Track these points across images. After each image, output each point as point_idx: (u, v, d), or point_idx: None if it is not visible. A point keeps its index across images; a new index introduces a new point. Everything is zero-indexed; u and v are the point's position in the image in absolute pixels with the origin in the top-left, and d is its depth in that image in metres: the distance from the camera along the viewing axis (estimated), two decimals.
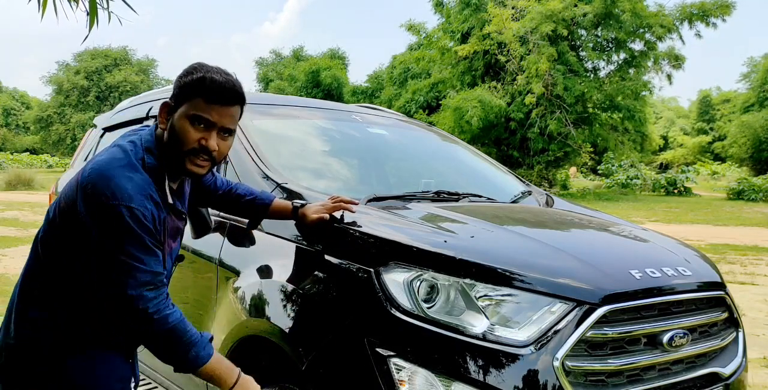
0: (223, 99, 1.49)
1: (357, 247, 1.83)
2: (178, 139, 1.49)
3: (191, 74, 1.50)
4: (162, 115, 1.53)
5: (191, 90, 1.49)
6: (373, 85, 38.26)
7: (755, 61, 45.17)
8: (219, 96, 1.49)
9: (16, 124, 65.32)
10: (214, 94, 1.48)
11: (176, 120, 1.49)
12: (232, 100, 1.51)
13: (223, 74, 1.51)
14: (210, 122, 1.49)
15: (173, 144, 1.50)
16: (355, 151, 3.07)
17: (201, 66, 1.52)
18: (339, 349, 1.69)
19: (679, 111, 65.63)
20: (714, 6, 21.21)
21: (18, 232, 10.50)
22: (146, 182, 1.45)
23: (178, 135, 1.49)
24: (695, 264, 2.07)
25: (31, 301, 1.53)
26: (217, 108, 1.49)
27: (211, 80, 1.48)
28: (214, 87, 1.48)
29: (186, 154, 1.50)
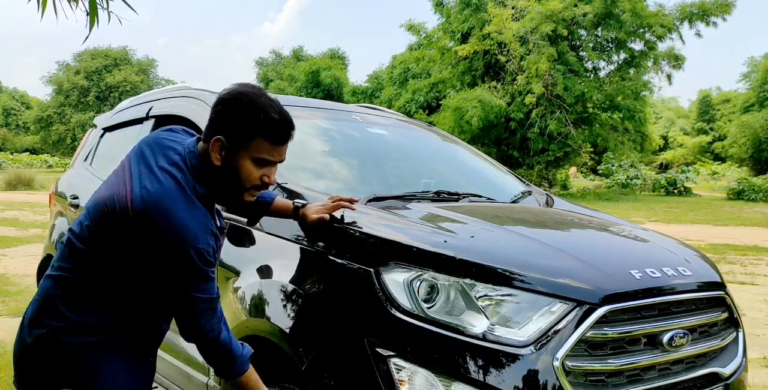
0: (287, 139, 1.53)
1: (357, 247, 1.83)
2: (240, 178, 1.53)
3: (246, 111, 1.48)
4: (215, 151, 1.52)
5: (252, 131, 1.49)
6: (373, 85, 38.27)
7: (755, 61, 45.16)
8: (284, 137, 1.52)
9: (16, 124, 65.31)
10: (279, 137, 1.51)
11: (238, 161, 1.51)
12: (289, 137, 1.54)
13: (276, 108, 1.51)
14: (272, 161, 1.54)
15: (234, 180, 1.54)
16: (355, 151, 3.07)
17: (251, 99, 1.50)
18: (339, 349, 1.69)
19: (679, 111, 65.62)
20: (714, 5, 21.21)
21: (18, 232, 10.50)
22: (205, 216, 1.51)
23: (240, 174, 1.52)
24: (695, 264, 2.07)
25: (73, 306, 1.53)
26: (279, 148, 1.53)
27: (272, 121, 1.49)
28: (279, 129, 1.50)
29: (245, 189, 1.56)
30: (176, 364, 2.43)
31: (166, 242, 1.43)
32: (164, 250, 1.44)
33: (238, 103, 1.49)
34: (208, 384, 2.18)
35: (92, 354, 1.52)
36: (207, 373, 2.20)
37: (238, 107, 1.49)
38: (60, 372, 1.52)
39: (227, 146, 1.50)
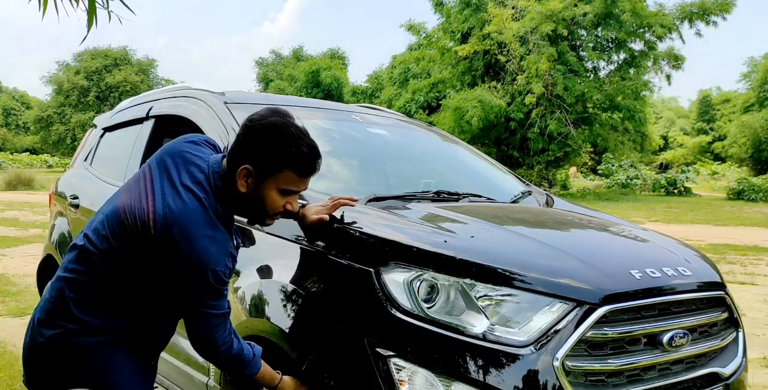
0: (314, 171, 1.57)
1: (357, 247, 1.83)
2: (264, 206, 1.58)
3: (277, 144, 1.50)
4: (242, 178, 1.54)
5: (282, 164, 1.52)
6: (373, 85, 38.29)
7: (755, 60, 45.17)
8: (311, 170, 1.56)
9: (16, 124, 65.30)
10: (307, 170, 1.55)
11: (264, 190, 1.55)
12: (318, 169, 1.59)
13: (306, 141, 1.54)
14: (297, 191, 1.60)
15: (258, 207, 1.59)
16: (355, 151, 3.06)
17: (283, 131, 1.51)
18: (339, 349, 1.69)
19: (679, 111, 65.63)
20: (714, 4, 21.21)
21: (18, 232, 10.50)
22: (226, 240, 1.54)
23: (265, 203, 1.57)
24: (695, 264, 2.07)
25: (85, 308, 1.55)
26: (306, 180, 1.59)
27: (302, 156, 1.52)
28: (308, 164, 1.54)
29: (268, 215, 1.62)
30: (176, 364, 2.43)
31: (185, 264, 1.47)
32: (183, 270, 1.49)
33: (269, 134, 1.51)
34: (208, 384, 2.18)
35: (101, 354, 1.54)
36: (207, 373, 2.20)
37: (270, 138, 1.50)
38: (69, 372, 1.55)
39: (254, 175, 1.53)
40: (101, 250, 1.54)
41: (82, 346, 1.53)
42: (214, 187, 1.55)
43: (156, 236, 1.47)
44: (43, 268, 3.93)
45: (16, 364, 3.80)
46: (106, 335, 1.55)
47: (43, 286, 3.93)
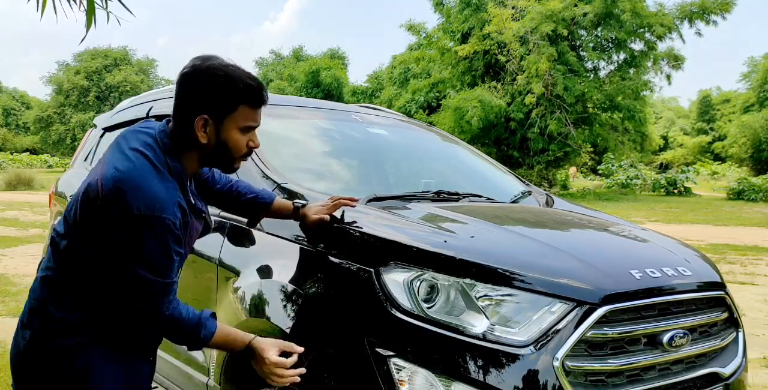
0: (261, 102, 1.54)
1: (357, 247, 1.83)
2: (230, 150, 1.54)
3: (227, 85, 1.48)
4: (200, 129, 1.51)
5: (234, 99, 1.49)
6: (373, 85, 38.30)
7: (755, 61, 45.18)
8: (263, 99, 1.53)
9: (16, 124, 65.31)
10: (260, 100, 1.53)
11: (226, 132, 1.52)
12: (264, 101, 1.55)
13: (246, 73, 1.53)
14: (254, 126, 1.56)
15: (223, 153, 1.55)
16: (355, 151, 3.06)
17: (223, 72, 1.49)
18: (339, 349, 1.69)
19: (679, 111, 65.63)
20: (714, 4, 21.21)
21: (18, 232, 10.50)
22: (175, 189, 1.48)
23: (228, 145, 1.53)
24: (695, 264, 2.07)
25: (61, 305, 1.52)
26: (259, 111, 1.55)
27: (254, 88, 1.51)
28: (259, 93, 1.52)
29: (235, 158, 1.57)
30: (176, 364, 2.43)
31: (131, 210, 1.38)
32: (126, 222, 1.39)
33: (212, 79, 1.48)
34: (208, 384, 2.18)
35: (83, 354, 1.51)
36: (207, 373, 2.20)
37: (215, 83, 1.47)
38: (52, 375, 1.51)
39: (211, 122, 1.50)
40: (65, 236, 1.51)
41: (63, 347, 1.49)
42: (162, 145, 1.51)
43: (105, 198, 1.41)
44: None
45: None
46: (86, 334, 1.51)
47: None
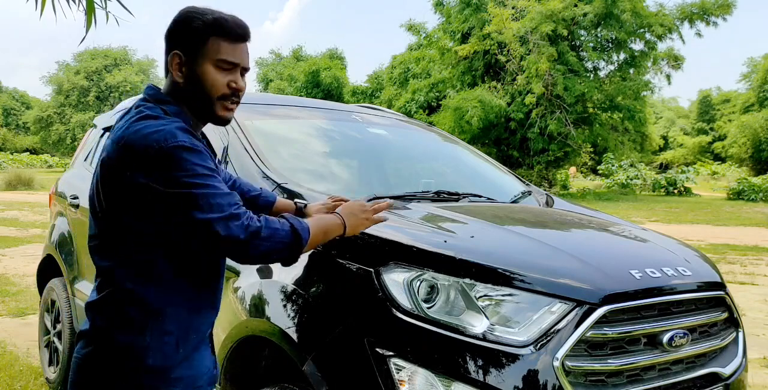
0: (244, 36, 1.46)
1: (357, 247, 1.83)
2: (205, 87, 1.43)
3: (197, 19, 1.43)
4: (174, 67, 1.44)
5: (206, 33, 1.42)
6: (373, 85, 38.29)
7: (755, 61, 45.19)
8: (240, 33, 1.45)
9: (16, 124, 65.34)
10: (234, 33, 1.44)
11: (199, 67, 1.42)
12: (246, 35, 1.47)
13: (224, 13, 1.47)
14: (235, 64, 1.45)
15: (200, 92, 1.43)
16: (355, 152, 3.06)
17: (198, 9, 1.45)
18: (339, 349, 1.69)
19: (679, 111, 65.65)
20: (714, 5, 21.23)
21: (18, 232, 10.51)
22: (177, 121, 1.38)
23: (204, 83, 1.43)
24: (695, 264, 2.07)
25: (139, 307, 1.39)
26: (239, 47, 1.45)
27: (225, 20, 1.43)
28: (233, 26, 1.43)
29: (218, 100, 1.44)
30: None
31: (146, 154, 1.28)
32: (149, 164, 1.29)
33: (187, 17, 1.44)
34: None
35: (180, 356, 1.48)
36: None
37: (188, 19, 1.44)
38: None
39: (185, 59, 1.43)
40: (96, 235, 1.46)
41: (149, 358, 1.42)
42: (150, 98, 1.46)
43: (115, 160, 1.35)
44: (43, 268, 3.94)
45: (16, 364, 3.80)
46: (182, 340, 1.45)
47: (43, 286, 3.93)
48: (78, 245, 3.38)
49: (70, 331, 3.36)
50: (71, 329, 3.36)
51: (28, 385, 3.48)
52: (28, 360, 3.92)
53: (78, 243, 3.38)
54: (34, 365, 3.81)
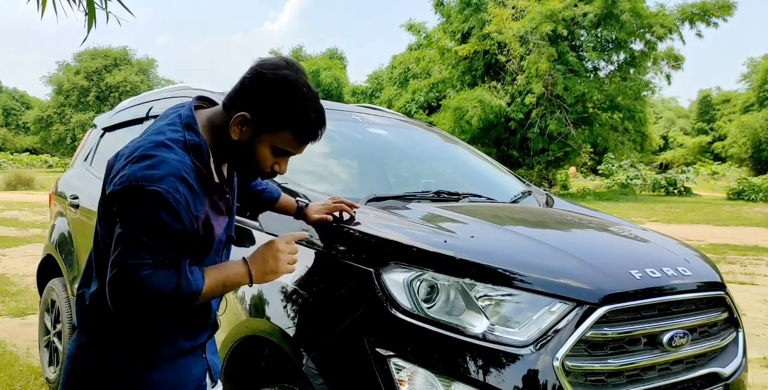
0: (315, 139, 1.44)
1: (357, 247, 1.83)
2: (252, 159, 1.42)
3: (284, 100, 1.36)
4: (236, 124, 1.38)
5: (284, 123, 1.37)
6: (373, 86, 38.30)
7: (755, 61, 45.20)
8: (312, 137, 1.43)
9: (16, 124, 65.34)
10: (308, 136, 1.42)
11: (257, 144, 1.39)
12: (320, 136, 1.45)
13: (314, 104, 1.40)
14: (290, 153, 1.45)
15: (245, 159, 1.42)
16: (355, 152, 3.07)
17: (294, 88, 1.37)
18: (339, 349, 1.69)
19: (679, 111, 65.66)
20: (715, 6, 21.23)
21: (18, 232, 10.51)
22: (182, 163, 1.31)
23: (254, 156, 1.41)
24: (695, 264, 2.07)
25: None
26: (304, 146, 1.45)
27: (307, 120, 1.39)
28: (311, 129, 1.41)
29: (255, 172, 1.46)
30: None
31: (128, 185, 1.24)
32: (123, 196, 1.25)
33: (279, 88, 1.37)
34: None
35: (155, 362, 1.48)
36: None
37: (278, 93, 1.36)
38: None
39: (251, 125, 1.38)
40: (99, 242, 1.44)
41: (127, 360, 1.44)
42: (184, 118, 1.40)
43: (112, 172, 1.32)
44: (43, 268, 3.94)
45: (16, 364, 3.80)
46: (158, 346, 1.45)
47: (43, 286, 3.93)
48: (78, 245, 3.38)
49: (70, 331, 3.36)
50: (71, 329, 3.36)
51: (28, 385, 3.48)
52: (28, 360, 3.92)
53: (78, 243, 3.38)
54: (34, 365, 3.81)
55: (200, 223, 1.35)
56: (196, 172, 1.34)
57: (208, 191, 1.38)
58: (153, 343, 1.41)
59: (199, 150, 1.37)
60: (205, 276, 1.34)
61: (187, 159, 1.33)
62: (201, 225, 1.36)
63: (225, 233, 1.51)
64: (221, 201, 1.46)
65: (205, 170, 1.36)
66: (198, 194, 1.33)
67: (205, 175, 1.36)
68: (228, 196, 1.49)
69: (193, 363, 1.50)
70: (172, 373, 1.43)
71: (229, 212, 1.52)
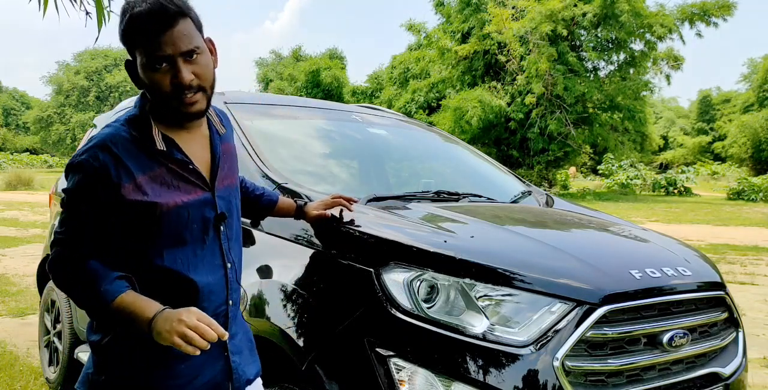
0: (158, 24, 1.27)
1: (357, 247, 1.83)
2: (153, 90, 1.33)
3: (120, 20, 1.30)
4: (132, 76, 1.37)
5: (127, 36, 1.30)
6: (373, 86, 38.30)
7: (756, 62, 45.21)
8: (151, 25, 1.27)
9: (16, 124, 65.34)
10: (145, 27, 1.26)
11: (141, 73, 1.32)
12: (167, 20, 1.28)
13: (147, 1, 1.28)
14: (166, 57, 1.28)
15: (156, 96, 1.34)
16: (355, 152, 3.07)
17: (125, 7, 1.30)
18: (339, 349, 1.69)
19: (679, 111, 65.64)
20: (715, 6, 21.23)
21: (18, 232, 10.51)
22: (111, 135, 1.31)
23: (150, 86, 1.32)
24: (695, 264, 2.07)
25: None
26: (160, 37, 1.27)
27: (133, 16, 1.26)
28: (140, 20, 1.26)
29: (170, 99, 1.32)
30: None
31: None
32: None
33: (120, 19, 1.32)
34: None
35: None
36: None
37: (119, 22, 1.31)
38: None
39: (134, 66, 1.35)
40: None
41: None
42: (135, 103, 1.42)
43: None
44: (43, 268, 3.93)
45: (16, 364, 3.80)
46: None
47: (43, 286, 3.93)
48: None
49: (70, 331, 3.36)
50: (71, 329, 3.36)
51: (28, 385, 3.48)
52: (28, 360, 3.92)
53: None
54: (34, 365, 3.81)
55: (126, 191, 1.28)
56: (132, 141, 1.32)
57: (151, 159, 1.33)
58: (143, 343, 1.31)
59: (136, 120, 1.36)
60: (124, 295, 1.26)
61: (121, 130, 1.33)
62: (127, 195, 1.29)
63: (200, 210, 1.38)
64: (184, 171, 1.37)
65: (142, 138, 1.33)
66: (124, 163, 1.29)
67: (143, 143, 1.33)
68: (191, 167, 1.38)
69: (201, 361, 1.37)
70: (169, 379, 1.35)
71: (208, 188, 1.41)
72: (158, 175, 1.33)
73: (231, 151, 1.54)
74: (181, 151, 1.37)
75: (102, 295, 1.26)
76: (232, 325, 1.45)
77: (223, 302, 1.43)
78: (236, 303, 1.47)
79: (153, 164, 1.33)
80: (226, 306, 1.43)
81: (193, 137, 1.42)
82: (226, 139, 1.52)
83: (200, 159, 1.42)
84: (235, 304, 1.46)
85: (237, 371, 1.45)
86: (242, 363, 1.47)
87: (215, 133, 1.48)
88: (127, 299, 1.26)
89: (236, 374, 1.44)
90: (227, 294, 1.43)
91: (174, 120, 1.38)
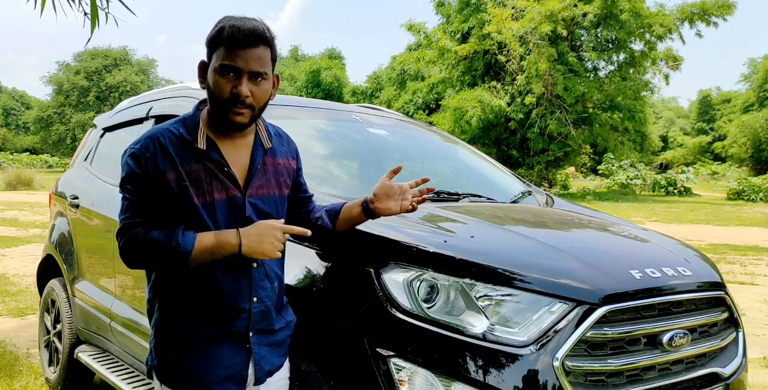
0: (244, 42, 1.44)
1: (357, 247, 1.83)
2: (214, 93, 1.48)
3: (214, 28, 1.49)
4: (200, 75, 1.53)
5: (214, 42, 1.47)
6: (372, 86, 38.32)
7: (756, 62, 45.21)
8: (238, 40, 1.44)
9: (16, 124, 65.34)
10: (232, 40, 1.45)
11: (209, 75, 1.48)
12: (252, 41, 1.45)
13: (244, 19, 1.49)
14: (236, 69, 1.45)
15: (212, 99, 1.50)
16: (355, 152, 3.06)
17: (224, 18, 1.50)
18: (339, 348, 1.69)
19: (679, 111, 65.66)
20: (715, 5, 21.23)
21: (18, 232, 10.51)
22: (163, 129, 1.51)
23: (213, 89, 1.48)
24: (695, 264, 2.07)
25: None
26: (239, 52, 1.45)
27: (229, 27, 1.45)
28: (233, 32, 1.45)
29: (225, 106, 1.47)
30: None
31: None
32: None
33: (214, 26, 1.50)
34: None
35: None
36: None
37: (212, 28, 1.49)
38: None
39: (206, 65, 1.51)
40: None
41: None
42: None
43: None
44: (43, 268, 3.93)
45: (16, 364, 3.80)
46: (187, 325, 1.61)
47: (43, 286, 3.93)
48: (78, 245, 3.38)
49: (69, 331, 3.36)
50: (71, 329, 3.36)
51: (28, 385, 3.48)
52: (28, 360, 3.92)
53: (78, 243, 3.38)
54: (34, 365, 3.81)
55: (170, 177, 1.46)
56: (179, 138, 1.50)
57: (193, 155, 1.49)
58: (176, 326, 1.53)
59: (188, 120, 1.54)
60: (197, 240, 1.43)
61: (173, 127, 1.52)
62: (171, 182, 1.46)
63: (229, 210, 1.50)
64: (219, 172, 1.50)
65: (189, 136, 1.50)
66: (170, 154, 1.47)
67: (188, 141, 1.49)
68: (227, 170, 1.51)
69: (223, 352, 1.51)
70: (189, 359, 1.50)
71: (240, 191, 1.52)
72: (195, 170, 1.48)
73: (277, 165, 1.64)
74: (219, 154, 1.51)
75: (182, 246, 1.41)
76: (262, 321, 1.56)
77: (246, 300, 1.53)
78: (262, 300, 1.56)
79: (193, 160, 1.49)
80: (249, 303, 1.54)
81: (235, 145, 1.56)
82: (273, 153, 1.63)
83: (238, 165, 1.54)
84: (260, 302, 1.55)
85: (261, 365, 1.56)
86: (272, 359, 1.60)
87: (260, 146, 1.59)
88: (204, 239, 1.43)
89: (260, 367, 1.56)
90: (250, 292, 1.54)
91: (220, 126, 1.53)
